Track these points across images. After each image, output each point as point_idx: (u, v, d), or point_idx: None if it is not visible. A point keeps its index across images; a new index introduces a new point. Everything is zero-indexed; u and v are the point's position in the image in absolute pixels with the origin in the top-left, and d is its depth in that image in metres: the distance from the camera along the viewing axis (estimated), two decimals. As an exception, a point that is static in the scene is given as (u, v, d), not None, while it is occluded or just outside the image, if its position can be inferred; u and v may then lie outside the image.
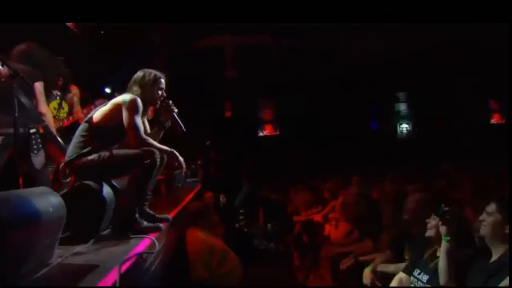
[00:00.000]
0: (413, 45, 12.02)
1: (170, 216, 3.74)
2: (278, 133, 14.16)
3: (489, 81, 12.46)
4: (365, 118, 14.28)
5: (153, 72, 3.49)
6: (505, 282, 2.29)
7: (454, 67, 12.20)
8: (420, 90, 13.55)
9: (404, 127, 15.07)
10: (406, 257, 3.92)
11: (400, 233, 4.17)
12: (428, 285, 3.01)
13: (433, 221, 3.12)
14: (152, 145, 3.26)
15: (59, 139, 4.10)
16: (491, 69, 11.65)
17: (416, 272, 3.23)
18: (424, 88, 13.28)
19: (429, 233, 3.16)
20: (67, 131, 4.55)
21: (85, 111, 4.85)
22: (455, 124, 13.03)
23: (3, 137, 3.44)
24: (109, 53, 7.71)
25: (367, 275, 4.16)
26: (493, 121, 14.54)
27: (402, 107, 15.02)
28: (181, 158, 3.38)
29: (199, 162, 9.13)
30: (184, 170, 3.46)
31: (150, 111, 3.82)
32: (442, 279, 2.80)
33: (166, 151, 3.32)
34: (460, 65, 12.12)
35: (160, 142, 3.44)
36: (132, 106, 3.25)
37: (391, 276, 3.72)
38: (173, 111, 3.65)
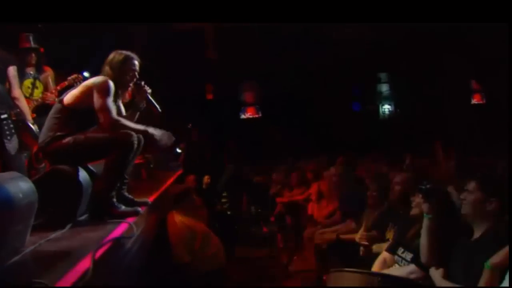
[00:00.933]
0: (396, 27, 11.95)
1: (149, 200, 3.67)
2: (260, 115, 14.09)
3: (471, 62, 12.46)
4: (347, 99, 14.25)
5: (124, 52, 3.36)
6: (493, 258, 2.28)
7: (437, 48, 12.18)
8: (403, 71, 13.53)
9: (386, 108, 15.09)
10: (388, 236, 3.92)
11: (384, 213, 4.18)
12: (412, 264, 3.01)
13: (417, 199, 3.10)
14: (125, 126, 3.15)
15: (31, 125, 3.99)
16: (473, 50, 11.65)
17: (400, 251, 3.22)
18: (406, 69, 13.25)
19: (414, 211, 3.14)
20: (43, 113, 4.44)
21: (58, 87, 4.73)
22: (438, 104, 13.06)
23: None
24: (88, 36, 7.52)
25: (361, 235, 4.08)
26: (474, 101, 14.62)
27: (384, 88, 15.01)
28: (157, 137, 3.30)
29: (180, 145, 9.04)
30: (169, 141, 3.36)
31: (127, 94, 3.72)
32: (424, 257, 2.80)
33: (140, 130, 3.23)
34: (443, 46, 12.10)
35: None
36: (102, 88, 3.13)
37: (375, 255, 3.72)
38: (146, 92, 3.56)
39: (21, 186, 2.14)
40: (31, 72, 4.76)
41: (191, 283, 4.28)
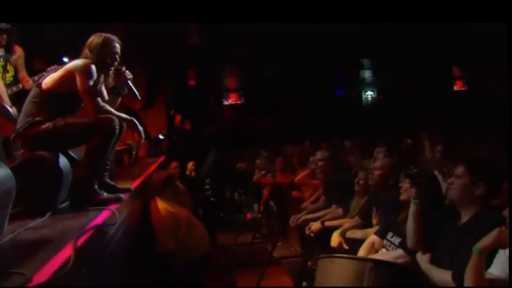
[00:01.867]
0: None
1: (132, 186, 3.60)
2: (243, 101, 14.00)
3: (453, 48, 12.52)
4: (330, 85, 14.24)
5: (104, 35, 3.25)
6: (480, 243, 2.25)
7: (419, 33, 12.19)
8: (385, 57, 13.54)
9: (369, 94, 15.13)
10: (374, 222, 3.92)
11: (369, 199, 4.18)
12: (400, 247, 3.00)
13: (405, 184, 3.09)
14: (110, 113, 3.08)
15: (9, 108, 3.86)
16: (455, 36, 11.69)
17: (389, 235, 3.22)
18: (389, 55, 13.27)
19: (403, 196, 3.13)
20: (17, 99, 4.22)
21: (36, 78, 4.33)
22: (420, 90, 13.12)
23: None
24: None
25: (335, 239, 4.14)
26: (456, 87, 14.70)
27: (367, 74, 15.03)
28: (140, 128, 3.24)
29: (163, 132, 8.95)
30: (143, 140, 3.32)
31: (111, 78, 3.62)
32: (411, 241, 2.79)
33: (125, 119, 3.16)
34: (425, 32, 12.12)
35: (122, 112, 3.28)
36: (84, 71, 3.04)
37: (359, 242, 3.72)
38: (126, 77, 3.46)
39: (-3, 173, 2.06)
40: (1, 55, 4.39)
41: (175, 270, 4.23)
